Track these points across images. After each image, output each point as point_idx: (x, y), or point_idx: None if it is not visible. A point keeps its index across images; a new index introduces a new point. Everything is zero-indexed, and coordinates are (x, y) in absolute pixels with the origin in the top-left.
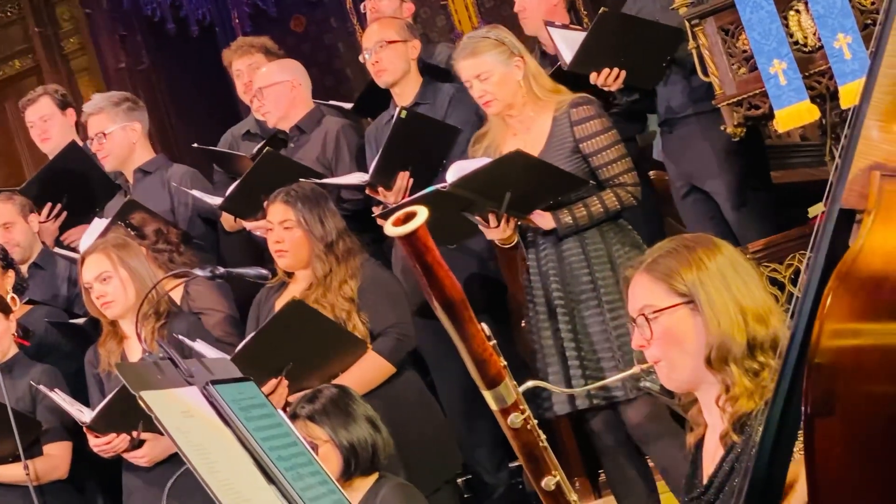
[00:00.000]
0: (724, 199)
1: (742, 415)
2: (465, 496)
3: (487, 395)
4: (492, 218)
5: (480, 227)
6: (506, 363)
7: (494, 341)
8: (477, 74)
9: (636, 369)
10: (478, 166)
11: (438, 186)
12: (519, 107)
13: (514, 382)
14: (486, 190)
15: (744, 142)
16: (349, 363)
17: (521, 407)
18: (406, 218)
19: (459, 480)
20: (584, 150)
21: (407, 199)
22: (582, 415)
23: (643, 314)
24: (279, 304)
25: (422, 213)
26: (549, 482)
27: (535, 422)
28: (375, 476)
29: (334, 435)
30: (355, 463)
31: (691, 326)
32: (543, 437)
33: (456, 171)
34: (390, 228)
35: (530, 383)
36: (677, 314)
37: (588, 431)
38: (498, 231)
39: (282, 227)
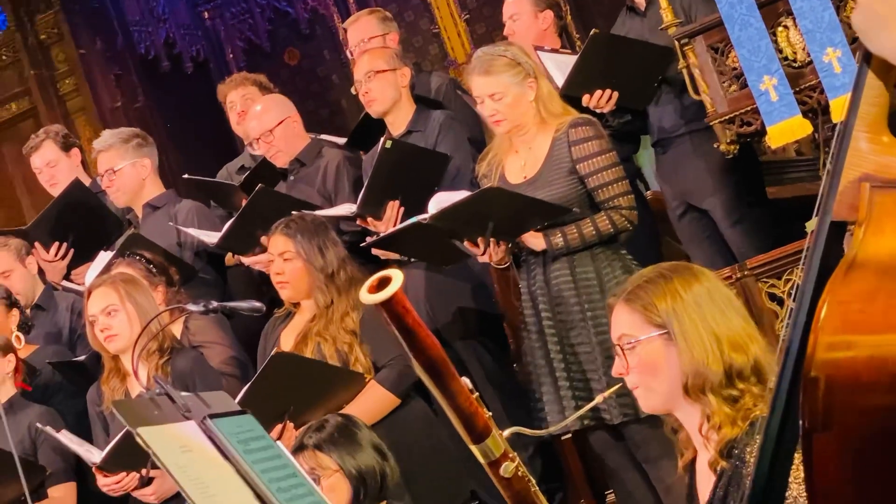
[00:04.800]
0: (720, 217)
1: (728, 441)
2: None
3: (475, 450)
4: (480, 243)
5: (469, 252)
6: (490, 413)
7: (478, 394)
8: (491, 94)
9: (599, 399)
10: (456, 200)
11: (419, 218)
12: (527, 126)
13: (500, 431)
14: (467, 221)
15: (738, 159)
16: (350, 396)
17: (511, 455)
18: (380, 283)
19: None
20: (581, 170)
21: (391, 230)
22: (585, 436)
23: (620, 344)
24: (285, 335)
25: (397, 277)
26: None
27: (525, 468)
28: None
29: (342, 463)
30: (364, 491)
31: (666, 357)
32: (534, 481)
33: (436, 204)
34: (366, 296)
35: (510, 430)
36: (652, 345)
37: (592, 453)
38: (487, 256)
39: (282, 258)
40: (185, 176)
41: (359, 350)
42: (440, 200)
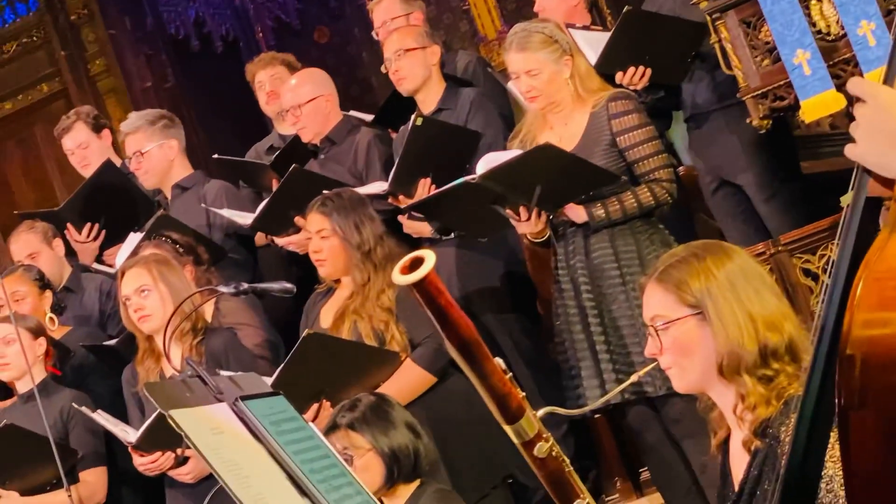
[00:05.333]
0: (754, 192)
1: (762, 421)
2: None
3: (509, 430)
4: (522, 211)
5: (511, 220)
6: (524, 393)
7: (511, 374)
8: (527, 70)
9: (634, 378)
10: (507, 158)
11: (467, 178)
12: (562, 104)
13: (534, 412)
14: (515, 183)
15: (771, 133)
16: (386, 375)
17: (545, 436)
18: (413, 264)
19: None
20: (621, 144)
21: (435, 192)
22: (619, 414)
23: (653, 325)
24: (324, 312)
25: (429, 258)
26: None
27: (559, 448)
28: (417, 483)
29: (375, 442)
30: (398, 470)
31: (700, 337)
32: (568, 461)
33: (485, 164)
34: (398, 277)
35: (544, 411)
36: (686, 325)
37: (626, 430)
38: (529, 225)
39: (319, 236)
40: (216, 156)
41: (395, 328)
42: (490, 160)
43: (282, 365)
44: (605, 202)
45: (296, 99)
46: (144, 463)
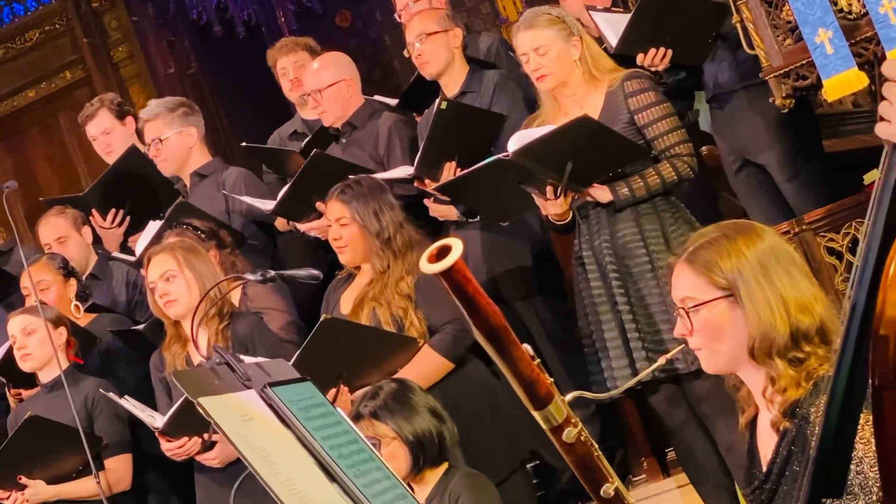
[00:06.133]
0: (777, 171)
1: (792, 402)
2: (535, 482)
3: (538, 416)
4: (549, 190)
5: (537, 200)
6: (552, 379)
7: (539, 360)
8: (535, 48)
9: (661, 360)
10: (541, 134)
11: (501, 155)
12: (573, 86)
13: (562, 397)
14: (548, 159)
15: (794, 112)
16: (404, 361)
17: (573, 421)
18: (440, 252)
19: (529, 466)
20: (639, 121)
21: (467, 171)
22: (645, 394)
23: (683, 307)
24: (344, 298)
25: (456, 246)
26: (607, 489)
27: (587, 432)
28: (445, 466)
29: (399, 430)
30: (423, 456)
31: (731, 320)
32: (597, 446)
33: (518, 140)
34: (426, 265)
35: (572, 395)
36: (717, 308)
37: (652, 409)
38: (556, 204)
39: (338, 224)
40: (244, 144)
41: (413, 315)
42: (522, 136)
43: (299, 349)
44: (627, 180)
45: (317, 83)
46: (171, 448)
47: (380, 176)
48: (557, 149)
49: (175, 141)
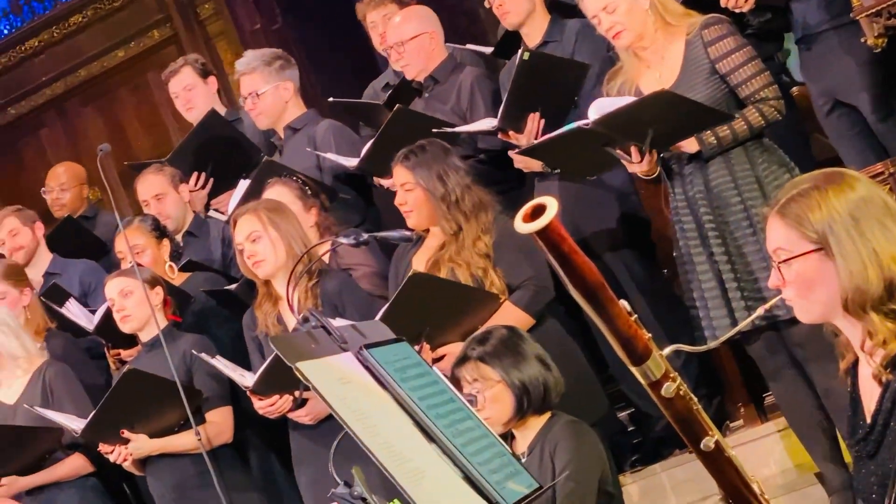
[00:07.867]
0: (869, 112)
1: (893, 355)
2: (630, 429)
3: (636, 372)
4: (634, 152)
5: (622, 160)
6: (650, 335)
7: (636, 316)
8: (603, 6)
9: (760, 311)
10: (620, 105)
11: (580, 123)
12: (650, 37)
13: (660, 352)
14: (627, 128)
15: (886, 52)
16: (485, 317)
17: (672, 375)
18: (535, 212)
19: (623, 414)
20: (721, 69)
21: (545, 138)
22: (743, 342)
23: (776, 259)
24: (416, 260)
25: (551, 205)
26: (707, 442)
27: (686, 386)
28: (548, 415)
29: (506, 375)
30: (528, 402)
31: (823, 273)
32: (696, 399)
33: (598, 109)
34: (521, 225)
35: (670, 349)
36: (809, 261)
37: (750, 355)
38: (641, 165)
39: (403, 189)
40: (330, 99)
41: (493, 273)
42: (602, 105)
43: (386, 305)
44: (714, 130)
45: (399, 36)
46: (263, 406)
47: (464, 129)
48: (637, 119)
49: (271, 95)
